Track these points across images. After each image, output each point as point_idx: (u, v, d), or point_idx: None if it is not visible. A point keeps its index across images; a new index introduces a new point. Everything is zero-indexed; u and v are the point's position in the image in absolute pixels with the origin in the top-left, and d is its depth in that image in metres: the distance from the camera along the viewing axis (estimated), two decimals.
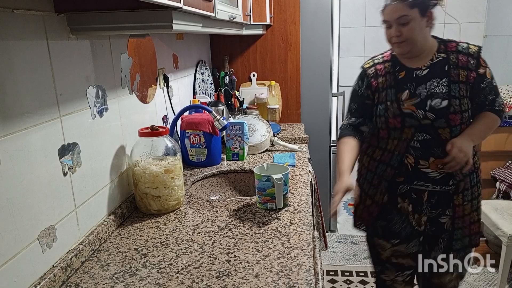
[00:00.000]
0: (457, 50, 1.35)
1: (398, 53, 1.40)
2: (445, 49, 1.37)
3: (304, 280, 0.91)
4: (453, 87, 1.33)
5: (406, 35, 1.31)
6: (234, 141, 1.81)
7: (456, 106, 1.33)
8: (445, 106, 1.32)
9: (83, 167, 1.07)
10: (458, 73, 1.34)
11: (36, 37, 0.89)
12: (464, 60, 1.34)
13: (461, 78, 1.34)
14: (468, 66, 1.34)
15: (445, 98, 1.33)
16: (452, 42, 1.38)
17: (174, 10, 0.93)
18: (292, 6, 2.47)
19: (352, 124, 1.50)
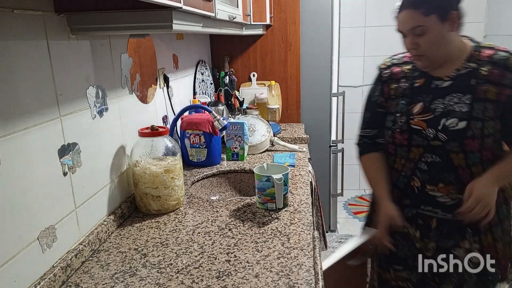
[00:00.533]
0: (492, 60, 1.11)
1: (419, 66, 1.20)
2: (478, 58, 1.13)
3: (304, 280, 0.91)
4: (477, 106, 1.11)
5: (424, 48, 1.12)
6: (234, 141, 1.81)
7: (476, 130, 1.11)
8: (462, 128, 1.12)
9: (83, 167, 1.07)
10: (487, 89, 1.11)
11: (36, 37, 0.89)
12: (498, 73, 1.10)
13: (489, 96, 1.10)
14: (502, 81, 1.09)
15: (463, 118, 1.12)
16: (489, 49, 1.14)
17: (174, 10, 0.93)
18: (292, 6, 2.47)
19: (368, 136, 1.34)
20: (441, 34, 1.10)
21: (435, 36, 1.10)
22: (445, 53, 1.14)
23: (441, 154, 1.16)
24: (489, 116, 1.11)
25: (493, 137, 1.13)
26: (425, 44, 1.11)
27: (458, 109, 1.13)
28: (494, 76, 1.10)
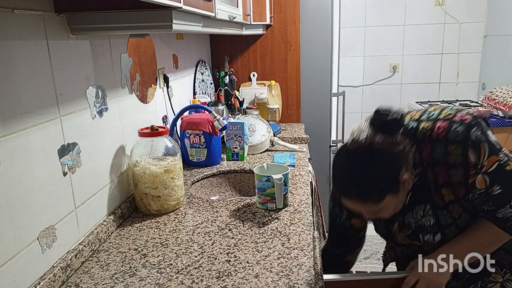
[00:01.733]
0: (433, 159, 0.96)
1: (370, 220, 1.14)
2: (421, 162, 0.98)
3: (304, 280, 0.91)
4: (441, 214, 1.02)
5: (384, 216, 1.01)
6: (234, 141, 1.81)
7: (453, 233, 1.04)
8: (439, 240, 1.06)
9: (83, 167, 1.07)
10: (441, 194, 1.00)
11: (36, 37, 0.89)
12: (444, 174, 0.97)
13: (447, 199, 1.00)
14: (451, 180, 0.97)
15: (435, 231, 1.05)
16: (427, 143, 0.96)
17: (174, 10, 0.93)
18: (292, 6, 2.47)
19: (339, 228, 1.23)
20: (399, 199, 0.97)
21: (393, 206, 0.98)
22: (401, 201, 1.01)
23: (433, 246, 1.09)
24: (459, 214, 1.02)
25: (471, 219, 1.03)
26: (384, 215, 1.00)
27: (426, 223, 1.05)
28: (441, 178, 0.97)
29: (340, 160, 0.97)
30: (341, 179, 0.98)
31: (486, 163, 0.92)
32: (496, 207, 0.95)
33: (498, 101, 2.76)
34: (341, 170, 0.97)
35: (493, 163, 0.92)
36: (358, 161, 0.94)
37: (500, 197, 0.94)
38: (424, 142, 0.96)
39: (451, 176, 0.96)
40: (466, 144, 0.92)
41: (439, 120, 0.96)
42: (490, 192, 0.94)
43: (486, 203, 0.96)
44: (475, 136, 0.92)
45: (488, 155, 0.92)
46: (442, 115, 0.97)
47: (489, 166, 0.92)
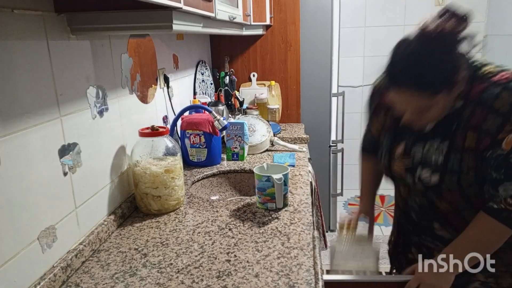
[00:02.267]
0: (481, 99, 0.92)
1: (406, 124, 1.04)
2: (467, 94, 0.94)
3: (304, 280, 0.91)
4: (453, 157, 0.97)
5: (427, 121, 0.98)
6: (234, 141, 1.81)
7: (452, 184, 0.98)
8: (435, 183, 1.00)
9: (83, 167, 1.07)
10: (466, 136, 0.94)
11: (36, 37, 0.89)
12: (480, 115, 0.92)
13: (468, 144, 0.94)
14: (484, 126, 0.91)
15: (436, 171, 0.99)
16: (483, 82, 0.93)
17: (174, 10, 0.93)
18: (292, 6, 2.47)
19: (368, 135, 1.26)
20: (448, 102, 0.94)
21: (442, 108, 0.95)
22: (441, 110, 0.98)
23: (427, 199, 1.07)
24: (467, 168, 0.95)
25: (478, 186, 0.97)
26: (429, 118, 0.97)
27: (434, 158, 1.00)
28: (475, 120, 0.93)
29: (402, 48, 0.94)
30: (401, 67, 0.93)
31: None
32: (505, 177, 0.89)
33: None
34: (402, 58, 0.93)
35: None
36: (423, 50, 0.90)
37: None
38: (479, 81, 0.94)
39: (485, 121, 0.91)
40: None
41: (506, 71, 0.95)
42: (510, 157, 0.88)
43: (499, 169, 0.90)
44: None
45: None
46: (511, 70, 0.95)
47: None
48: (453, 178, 0.98)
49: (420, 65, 0.90)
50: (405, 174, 1.07)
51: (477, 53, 0.97)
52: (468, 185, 0.98)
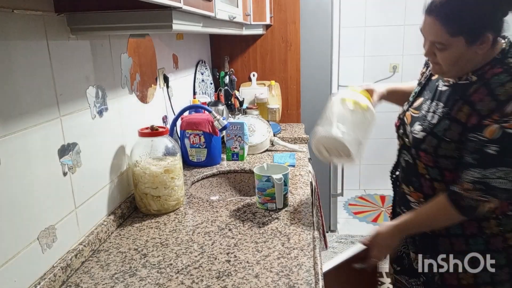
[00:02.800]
0: (489, 81, 0.95)
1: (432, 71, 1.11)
2: (484, 72, 0.98)
3: (304, 280, 0.91)
4: (443, 123, 1.01)
5: (441, 61, 1.00)
6: (234, 141, 1.81)
7: (430, 147, 1.03)
8: (419, 138, 1.06)
9: (83, 167, 1.07)
10: (460, 109, 0.98)
11: (36, 37, 0.89)
12: (479, 95, 0.95)
13: (459, 116, 0.98)
14: (478, 106, 0.94)
15: (425, 129, 1.05)
16: (502, 67, 0.96)
17: (174, 10, 0.93)
18: (292, 6, 2.47)
19: None
20: (464, 55, 0.96)
21: (455, 57, 0.97)
22: (463, 69, 1.01)
23: (412, 156, 1.11)
24: (450, 138, 0.99)
25: (454, 161, 1.00)
26: (442, 59, 0.99)
27: (429, 118, 1.05)
28: (476, 97, 0.96)
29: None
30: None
31: (511, 122, 0.89)
32: (477, 163, 0.93)
33: None
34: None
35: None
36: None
37: (487, 158, 0.92)
38: (500, 66, 0.96)
39: (482, 101, 0.94)
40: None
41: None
42: (487, 146, 0.91)
43: (474, 153, 0.94)
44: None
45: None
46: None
47: (510, 127, 0.89)
48: (433, 141, 1.02)
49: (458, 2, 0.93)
50: (408, 125, 1.13)
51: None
52: (443, 156, 1.01)
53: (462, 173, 0.96)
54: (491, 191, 0.93)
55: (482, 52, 0.96)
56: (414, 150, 1.08)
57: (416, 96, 1.17)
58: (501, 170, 0.91)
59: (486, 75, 0.96)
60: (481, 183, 0.93)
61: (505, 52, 0.98)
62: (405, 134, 1.15)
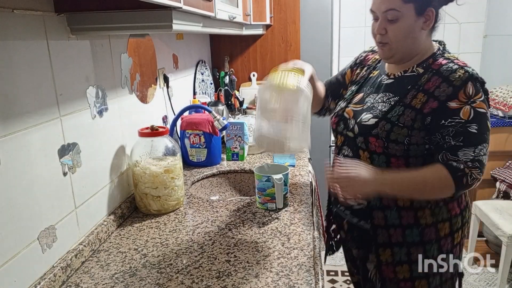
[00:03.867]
0: (439, 70, 1.03)
1: (380, 56, 1.15)
2: (429, 64, 1.06)
3: (304, 280, 0.91)
4: (396, 109, 1.05)
5: (391, 36, 1.05)
6: (234, 141, 1.81)
7: (382, 131, 1.05)
8: (370, 124, 1.07)
9: (83, 167, 1.07)
10: (415, 96, 1.04)
11: (36, 37, 0.89)
12: (433, 82, 1.02)
13: (413, 103, 1.03)
14: (435, 92, 1.01)
15: (377, 116, 1.07)
16: (446, 60, 1.05)
17: (174, 10, 0.93)
18: (292, 6, 2.47)
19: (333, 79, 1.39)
20: (413, 27, 1.03)
21: (406, 27, 1.03)
22: (409, 49, 1.07)
23: (353, 149, 1.12)
24: (403, 123, 1.03)
25: (402, 147, 1.03)
26: (393, 32, 1.04)
27: (380, 107, 1.09)
28: (428, 85, 1.03)
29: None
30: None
31: (478, 102, 0.98)
32: (463, 144, 0.98)
33: (498, 101, 2.76)
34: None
35: (482, 108, 0.99)
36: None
37: (471, 137, 0.98)
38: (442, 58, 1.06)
39: (438, 88, 1.01)
40: (472, 78, 0.99)
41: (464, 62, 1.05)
42: (468, 126, 0.98)
43: (457, 136, 0.98)
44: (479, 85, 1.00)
45: (482, 100, 0.99)
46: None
47: (479, 107, 0.98)
48: (386, 126, 1.05)
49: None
50: (351, 118, 1.15)
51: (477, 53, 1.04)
52: (394, 141, 1.04)
53: (456, 156, 0.98)
54: (483, 168, 0.98)
55: (427, 29, 1.04)
56: (362, 138, 1.09)
57: (354, 93, 1.21)
58: (484, 147, 0.98)
59: (433, 66, 1.05)
60: (476, 161, 0.97)
61: (442, 49, 1.10)
62: (346, 129, 1.15)
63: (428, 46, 1.09)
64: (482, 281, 2.39)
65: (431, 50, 1.09)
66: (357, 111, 1.14)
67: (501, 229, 2.12)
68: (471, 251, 2.42)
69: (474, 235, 2.43)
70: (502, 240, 2.12)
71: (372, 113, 1.09)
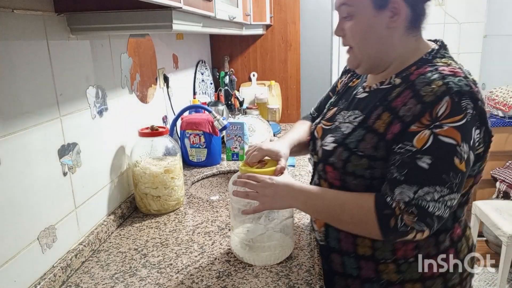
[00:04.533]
0: (414, 81, 0.79)
1: (347, 65, 0.94)
2: (408, 74, 0.83)
3: (304, 280, 0.91)
4: (357, 133, 0.85)
5: (349, 38, 0.86)
6: (234, 141, 1.81)
7: (338, 160, 0.86)
8: (328, 150, 0.89)
9: (83, 167, 1.07)
10: (379, 117, 0.82)
11: (36, 37, 0.89)
12: (404, 99, 0.79)
13: (376, 126, 0.82)
14: (400, 111, 0.78)
15: (337, 140, 0.88)
16: (430, 66, 0.81)
17: (174, 10, 0.93)
18: (292, 6, 2.47)
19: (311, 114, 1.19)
20: (372, 25, 0.82)
21: (364, 26, 0.83)
22: (378, 54, 0.86)
23: (318, 175, 0.96)
24: (362, 151, 0.82)
25: (363, 181, 0.84)
26: (350, 32, 0.85)
27: (343, 129, 0.89)
28: (396, 102, 0.80)
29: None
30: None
31: (446, 128, 0.73)
32: (404, 179, 0.75)
33: (498, 101, 2.76)
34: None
35: (450, 136, 0.73)
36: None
37: (418, 172, 0.74)
38: (427, 65, 0.82)
39: (405, 105, 0.78)
40: (451, 93, 0.74)
41: (459, 68, 0.80)
42: (417, 158, 0.74)
43: (401, 168, 0.76)
44: (466, 103, 0.74)
45: (457, 127, 0.73)
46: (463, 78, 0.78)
47: (445, 134, 0.73)
48: (343, 154, 0.85)
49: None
50: (319, 139, 0.97)
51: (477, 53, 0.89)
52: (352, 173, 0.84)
53: (392, 193, 0.76)
54: (426, 218, 0.74)
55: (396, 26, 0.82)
56: (322, 165, 0.92)
57: (330, 106, 1.02)
58: (436, 191, 0.74)
59: (411, 77, 0.81)
60: (414, 206, 0.74)
61: (434, 52, 0.85)
62: (314, 150, 0.99)
63: (411, 50, 0.86)
64: (482, 281, 2.39)
65: (418, 54, 0.85)
66: (325, 130, 0.96)
67: (501, 229, 2.12)
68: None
69: (474, 235, 2.43)
70: (502, 240, 2.12)
71: (335, 136, 0.90)
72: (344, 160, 0.85)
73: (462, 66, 0.83)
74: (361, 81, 0.98)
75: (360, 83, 0.98)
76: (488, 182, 2.72)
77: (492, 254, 2.52)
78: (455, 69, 0.79)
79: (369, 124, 0.84)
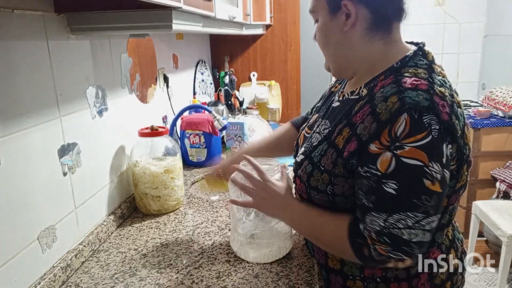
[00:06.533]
0: (375, 95, 0.74)
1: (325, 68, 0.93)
2: (374, 85, 0.77)
3: (304, 280, 0.91)
4: (321, 147, 0.81)
5: (318, 40, 0.86)
6: (234, 141, 1.81)
7: (303, 173, 0.83)
8: (298, 161, 0.87)
9: (83, 167, 1.07)
10: (341, 131, 0.78)
11: (36, 37, 0.89)
12: (363, 115, 0.73)
13: (337, 141, 0.77)
14: (358, 128, 0.73)
15: (305, 152, 0.86)
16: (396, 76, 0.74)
17: (174, 10, 0.93)
18: (292, 6, 2.47)
19: (306, 115, 1.13)
20: (329, 29, 0.81)
21: (324, 29, 0.82)
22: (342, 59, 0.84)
23: (296, 187, 0.92)
24: (324, 166, 0.79)
25: (326, 197, 0.80)
26: (317, 37, 0.85)
27: (313, 139, 0.86)
28: (356, 117, 0.75)
29: None
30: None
31: (407, 148, 0.66)
32: (373, 206, 0.70)
33: (498, 101, 2.76)
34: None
35: (413, 158, 0.66)
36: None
37: (385, 198, 0.69)
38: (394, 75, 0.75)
39: (362, 122, 0.72)
40: (408, 109, 0.67)
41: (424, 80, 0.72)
42: (383, 182, 0.68)
43: (369, 193, 0.71)
44: (429, 119, 0.66)
45: (419, 146, 0.66)
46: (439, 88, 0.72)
47: (407, 155, 0.66)
48: (308, 167, 0.82)
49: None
50: (301, 146, 0.94)
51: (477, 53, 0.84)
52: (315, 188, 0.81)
53: (363, 220, 0.73)
54: (401, 246, 0.69)
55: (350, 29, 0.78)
56: (293, 177, 0.90)
57: (314, 112, 1.00)
58: (408, 217, 0.68)
59: (376, 89, 0.75)
60: (386, 235, 0.69)
61: (406, 59, 0.77)
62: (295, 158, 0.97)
63: (378, 54, 0.80)
64: (482, 281, 2.39)
65: (389, 60, 0.79)
66: (306, 138, 0.93)
67: (501, 229, 2.12)
68: (471, 251, 2.42)
69: (474, 235, 2.43)
70: (502, 240, 2.12)
71: (306, 147, 0.87)
72: (308, 174, 0.82)
73: (437, 76, 0.74)
74: (341, 87, 0.95)
75: (339, 89, 0.94)
76: (488, 182, 2.72)
77: (492, 254, 2.52)
78: (418, 80, 0.71)
79: (332, 139, 0.80)
